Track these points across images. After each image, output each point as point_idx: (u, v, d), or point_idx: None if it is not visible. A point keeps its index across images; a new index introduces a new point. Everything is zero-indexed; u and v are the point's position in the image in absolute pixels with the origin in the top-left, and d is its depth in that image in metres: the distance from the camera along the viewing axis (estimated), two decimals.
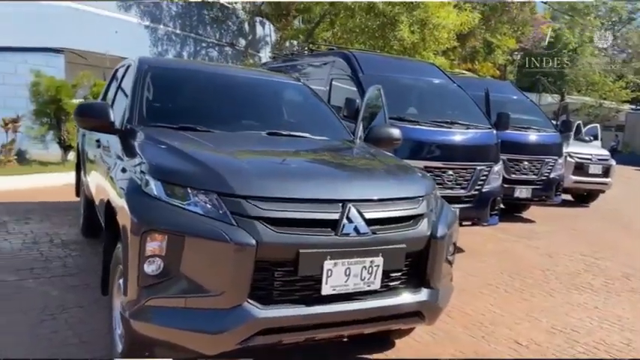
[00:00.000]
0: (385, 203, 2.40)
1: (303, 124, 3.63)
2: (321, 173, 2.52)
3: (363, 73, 5.93)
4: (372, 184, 2.53)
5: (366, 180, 2.57)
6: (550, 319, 3.99)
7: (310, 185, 2.29)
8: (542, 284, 4.91)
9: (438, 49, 13.79)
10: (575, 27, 37.26)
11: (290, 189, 2.21)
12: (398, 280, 2.45)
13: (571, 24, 37.61)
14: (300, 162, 2.74)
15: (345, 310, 2.23)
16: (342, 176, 2.53)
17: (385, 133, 3.83)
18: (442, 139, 5.55)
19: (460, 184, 5.55)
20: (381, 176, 2.70)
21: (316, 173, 2.52)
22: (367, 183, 2.52)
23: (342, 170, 2.68)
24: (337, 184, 2.37)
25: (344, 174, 2.60)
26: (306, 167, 2.63)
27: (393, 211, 2.40)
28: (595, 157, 10.18)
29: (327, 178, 2.44)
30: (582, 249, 6.47)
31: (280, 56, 9.24)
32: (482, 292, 4.53)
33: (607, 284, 5.06)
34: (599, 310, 4.30)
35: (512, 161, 7.76)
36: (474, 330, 3.68)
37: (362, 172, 2.75)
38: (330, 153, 3.06)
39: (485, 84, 9.96)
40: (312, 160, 2.84)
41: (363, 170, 2.79)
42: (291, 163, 2.65)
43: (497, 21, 27.47)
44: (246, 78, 3.91)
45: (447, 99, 6.44)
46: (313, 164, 2.77)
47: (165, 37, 12.98)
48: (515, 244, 6.59)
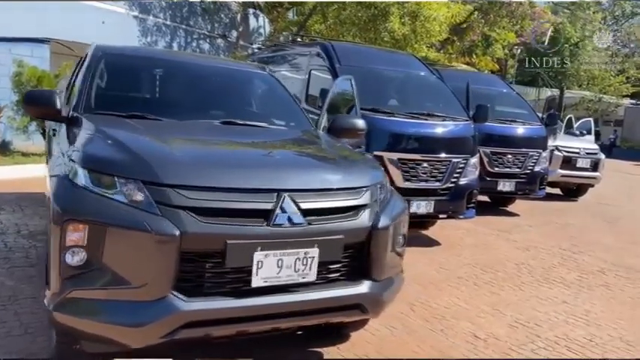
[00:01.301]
0: (323, 193, 2.35)
1: (262, 114, 3.58)
2: (259, 162, 2.46)
3: (340, 64, 5.86)
4: (311, 174, 2.47)
5: (305, 170, 2.51)
6: (515, 312, 3.95)
7: (243, 174, 2.23)
8: (513, 278, 4.86)
9: (429, 41, 13.66)
10: (576, 21, 37.06)
11: (220, 178, 2.16)
12: (336, 271, 2.40)
13: (572, 18, 37.40)
14: (240, 151, 2.68)
15: (276, 302, 2.18)
16: (281, 166, 2.47)
17: (349, 123, 3.76)
18: (417, 130, 5.49)
19: (435, 177, 5.49)
20: (324, 166, 2.64)
21: (253, 162, 2.46)
22: (306, 173, 2.46)
23: (282, 160, 2.61)
24: (273, 174, 2.31)
25: (283, 163, 2.54)
26: (244, 156, 2.57)
27: (331, 201, 2.34)
28: (583, 151, 10.10)
29: (264, 167, 2.38)
30: (562, 243, 6.42)
31: (266, 47, 9.15)
32: (450, 286, 4.49)
33: (581, 278, 5.01)
34: (568, 304, 4.25)
35: (496, 154, 7.69)
36: (435, 323, 3.63)
37: (304, 162, 2.69)
38: (278, 142, 3.00)
39: (473, 77, 9.92)
40: (254, 150, 2.78)
41: (306, 160, 2.73)
42: (230, 152, 2.59)
43: (495, 14, 27.25)
44: (206, 66, 3.84)
45: (426, 91, 6.37)
46: (253, 153, 2.71)
47: (154, 28, 12.87)
48: (495, 237, 6.54)
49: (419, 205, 5.43)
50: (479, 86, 8.68)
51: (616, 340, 3.59)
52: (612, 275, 5.19)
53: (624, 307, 4.29)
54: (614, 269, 5.40)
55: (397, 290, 2.78)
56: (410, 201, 5.34)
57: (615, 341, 3.57)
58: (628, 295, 4.59)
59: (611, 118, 36.71)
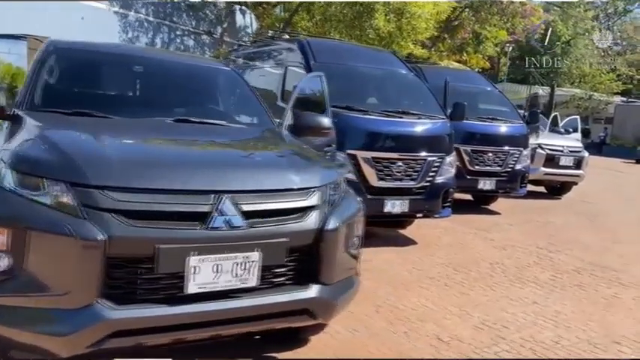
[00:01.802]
0: (267, 195, 2.25)
1: (221, 112, 3.48)
2: (200, 162, 2.36)
3: (315, 61, 5.77)
4: (256, 174, 2.37)
5: (250, 170, 2.41)
6: (483, 314, 3.88)
7: (179, 175, 2.14)
8: (485, 277, 4.80)
9: (416, 38, 13.58)
10: (568, 19, 37.16)
11: (153, 179, 2.06)
12: (282, 275, 2.32)
13: (564, 16, 37.50)
14: (182, 150, 2.58)
15: (214, 309, 2.09)
16: (224, 166, 2.37)
17: (314, 121, 3.68)
18: (391, 129, 5.41)
19: (410, 176, 5.42)
20: (271, 167, 2.55)
21: (193, 162, 2.36)
22: (251, 173, 2.37)
23: (227, 160, 2.52)
24: (213, 174, 2.22)
25: (227, 163, 2.44)
26: (185, 156, 2.47)
27: (275, 203, 2.25)
28: (566, 149, 10.06)
29: (204, 167, 2.28)
30: (540, 242, 6.37)
31: (248, 43, 9.04)
32: (421, 286, 4.41)
33: (555, 278, 4.95)
34: (538, 305, 4.19)
35: (477, 152, 7.64)
36: (399, 325, 3.55)
37: (250, 162, 2.59)
38: (228, 142, 2.90)
39: (455, 74, 9.87)
40: (199, 149, 2.68)
41: (253, 160, 2.64)
42: (170, 152, 2.49)
43: (486, 12, 27.22)
44: (165, 62, 3.73)
45: (403, 89, 6.29)
46: (196, 153, 2.60)
47: (136, 24, 12.70)
48: (472, 236, 6.48)
49: (393, 205, 5.35)
50: (461, 84, 8.65)
51: (583, 342, 3.53)
52: (587, 275, 5.14)
53: (596, 307, 4.24)
54: (590, 269, 5.34)
55: (352, 293, 2.70)
56: (384, 200, 5.31)
57: (582, 343, 3.50)
58: (601, 296, 4.53)
59: (602, 115, 36.83)
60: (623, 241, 6.83)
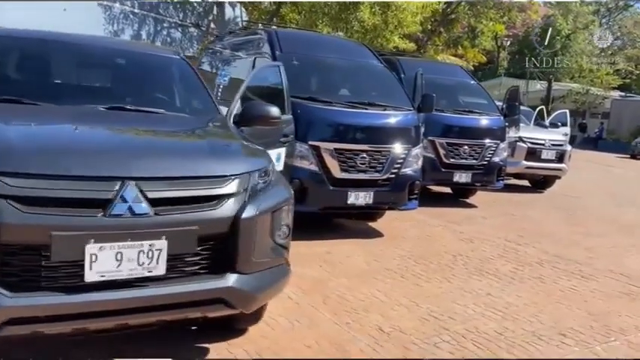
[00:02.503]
0: (175, 182, 2.22)
1: (162, 100, 3.44)
2: (108, 149, 2.31)
3: (281, 51, 5.72)
4: (166, 161, 2.33)
5: (160, 157, 2.37)
6: (432, 305, 3.85)
7: (82, 161, 2.10)
8: (445, 269, 4.77)
9: (403, 31, 13.50)
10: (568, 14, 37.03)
11: (52, 165, 2.03)
12: (195, 264, 2.29)
13: (564, 11, 37.36)
14: (95, 137, 2.53)
15: (116, 298, 2.06)
16: (132, 153, 2.32)
17: (261, 111, 3.62)
18: (355, 120, 5.37)
19: (374, 168, 5.38)
20: (186, 154, 2.51)
21: (101, 149, 2.31)
22: (160, 160, 2.32)
23: (138, 146, 2.45)
24: (118, 161, 2.18)
25: (136, 150, 2.38)
26: (94, 143, 2.42)
27: (185, 190, 2.22)
28: (549, 143, 10.01)
29: (111, 154, 2.25)
30: (510, 235, 6.35)
31: (223, 35, 8.98)
32: (376, 278, 4.39)
33: (515, 270, 4.93)
34: (491, 297, 4.17)
35: (452, 145, 7.61)
36: (343, 316, 3.53)
37: (163, 149, 2.53)
38: (152, 129, 2.84)
39: (434, 66, 9.84)
40: (113, 136, 2.62)
41: (167, 147, 2.58)
42: (81, 139, 2.44)
43: (483, 5, 27.07)
44: (105, 49, 3.67)
45: (372, 80, 6.23)
46: (108, 140, 2.54)
47: (121, 16, 12.63)
48: (442, 229, 6.45)
49: (357, 196, 5.32)
50: (438, 76, 8.61)
51: (528, 334, 3.51)
52: (550, 267, 5.11)
53: (551, 299, 4.21)
54: (554, 261, 5.32)
55: (279, 283, 2.67)
56: (347, 192, 5.28)
57: (527, 335, 3.48)
58: (559, 288, 4.51)
59: (599, 110, 36.69)
60: (595, 235, 6.81)
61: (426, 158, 7.44)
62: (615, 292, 4.52)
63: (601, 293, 4.45)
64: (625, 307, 4.17)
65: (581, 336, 3.53)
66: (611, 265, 5.32)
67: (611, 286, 4.67)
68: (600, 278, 4.87)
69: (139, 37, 13.29)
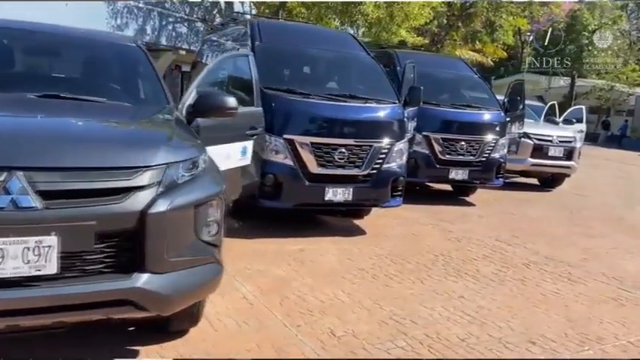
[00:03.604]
0: (73, 173, 2.06)
1: (105, 88, 3.29)
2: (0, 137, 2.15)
3: (261, 42, 5.55)
4: (66, 151, 2.15)
5: (60, 146, 2.17)
6: (397, 307, 3.64)
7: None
8: (422, 270, 4.54)
9: (410, 25, 13.18)
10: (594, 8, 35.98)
11: None
12: (97, 262, 2.13)
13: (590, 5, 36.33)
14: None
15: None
16: (26, 141, 2.15)
17: (216, 101, 3.46)
18: (333, 113, 5.16)
19: (354, 163, 5.17)
20: (94, 143, 2.31)
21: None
22: (58, 150, 2.14)
23: (37, 135, 2.26)
24: (7, 149, 2.02)
25: (32, 139, 2.18)
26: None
27: (80, 182, 2.06)
28: (556, 139, 9.60)
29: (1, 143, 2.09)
30: (503, 234, 6.05)
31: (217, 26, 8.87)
32: (344, 278, 4.19)
33: (498, 272, 4.66)
34: (464, 299, 3.92)
35: (448, 141, 7.33)
36: (296, 319, 3.34)
37: (68, 138, 2.31)
38: (73, 118, 2.67)
39: (435, 60, 9.55)
40: (16, 124, 2.43)
41: (75, 137, 2.37)
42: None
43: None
44: (51, 35, 3.52)
45: (356, 72, 6.02)
46: (8, 128, 2.36)
47: (125, 11, 12.62)
48: (432, 227, 6.19)
49: (335, 193, 5.12)
50: (438, 70, 8.35)
51: (493, 340, 3.27)
52: (536, 269, 4.83)
53: (528, 304, 3.95)
54: (542, 263, 5.03)
55: (203, 284, 2.49)
56: (325, 188, 5.08)
57: (492, 342, 3.24)
58: (540, 292, 4.23)
59: (624, 107, 35.57)
60: (596, 236, 6.46)
61: (421, 154, 7.26)
62: (602, 297, 4.22)
63: (586, 298, 4.16)
64: (609, 313, 3.87)
65: (551, 344, 3.27)
66: (605, 267, 5.00)
67: (599, 290, 4.37)
68: (589, 282, 4.57)
69: (144, 32, 13.28)
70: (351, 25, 12.66)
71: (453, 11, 26.37)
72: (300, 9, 15.00)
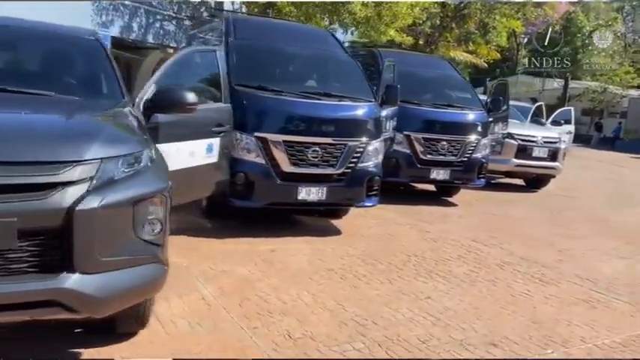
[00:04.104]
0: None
1: (56, 82, 3.20)
2: None
3: (235, 38, 5.46)
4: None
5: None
6: (360, 309, 3.56)
7: None
8: (392, 271, 4.46)
9: (398, 25, 13.10)
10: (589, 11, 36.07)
11: None
12: (20, 262, 2.03)
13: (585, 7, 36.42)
14: None
15: None
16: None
17: (174, 97, 3.39)
18: (306, 111, 5.07)
19: (327, 161, 5.09)
20: (20, 137, 2.21)
21: None
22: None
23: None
24: None
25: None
26: None
27: (3, 176, 1.97)
28: (541, 140, 9.56)
29: None
30: (481, 235, 5.99)
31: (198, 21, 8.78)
32: (311, 279, 4.10)
33: (470, 273, 4.59)
34: (430, 300, 3.85)
35: (429, 140, 7.27)
36: (254, 321, 3.26)
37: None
38: (10, 112, 2.57)
39: (419, 60, 9.48)
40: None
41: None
42: None
43: (495, 1, 26.40)
44: (6, 28, 3.42)
45: (332, 69, 5.95)
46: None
47: (110, 7, 12.49)
48: (409, 227, 6.12)
49: (309, 192, 5.04)
50: (421, 69, 8.30)
51: (455, 342, 3.19)
52: (510, 270, 4.76)
53: (495, 305, 3.88)
54: (517, 263, 4.96)
55: (143, 284, 2.40)
56: (297, 187, 5.00)
57: (452, 344, 3.16)
58: (510, 293, 4.17)
59: (617, 109, 35.67)
60: (575, 237, 6.40)
61: (402, 154, 7.20)
62: (573, 298, 4.15)
63: (556, 299, 4.09)
64: (578, 315, 3.81)
65: (514, 347, 3.20)
66: (579, 269, 4.94)
67: (570, 291, 4.31)
68: (562, 283, 4.50)
69: (130, 30, 13.15)
70: (340, 25, 12.56)
71: (447, 12, 26.34)
72: (290, 8, 14.91)
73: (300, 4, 12.67)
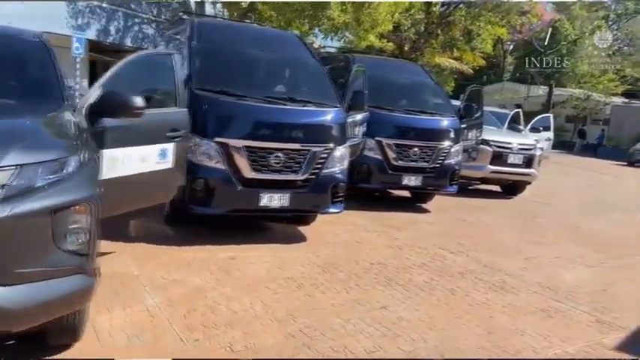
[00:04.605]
0: None
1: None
2: None
3: (198, 42, 5.38)
4: None
5: None
6: (311, 319, 3.48)
7: None
8: (351, 279, 4.39)
9: (378, 30, 13.10)
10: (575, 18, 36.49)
11: None
12: None
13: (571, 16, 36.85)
14: None
15: None
16: None
17: (119, 101, 3.30)
18: (268, 116, 5.01)
19: (290, 167, 5.02)
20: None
21: None
22: None
23: None
24: None
25: None
26: None
27: None
28: (516, 147, 9.56)
29: None
30: (448, 242, 5.94)
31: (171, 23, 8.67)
32: (267, 287, 4.02)
33: (431, 281, 4.53)
34: (385, 310, 3.77)
35: (401, 147, 7.23)
36: (197, 333, 3.16)
37: None
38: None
39: (392, 65, 9.46)
40: None
41: None
42: None
43: (481, 7, 26.58)
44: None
45: (298, 74, 5.89)
46: None
47: (87, 10, 12.34)
48: (377, 235, 6.06)
49: (271, 199, 4.96)
50: (395, 75, 8.28)
51: (402, 354, 3.12)
52: (472, 278, 4.71)
53: (451, 315, 3.82)
54: (480, 271, 4.92)
55: (64, 296, 2.29)
56: (259, 193, 4.92)
57: (400, 355, 3.10)
58: (468, 302, 4.11)
59: (600, 116, 36.12)
60: (544, 244, 6.39)
61: (373, 160, 7.15)
62: (531, 307, 4.11)
63: (514, 308, 4.04)
64: (534, 325, 3.76)
65: (465, 356, 3.13)
66: (542, 277, 4.91)
67: (529, 300, 4.26)
68: (522, 292, 4.46)
69: (107, 33, 13.01)
70: (320, 30, 12.54)
71: (432, 19, 26.50)
72: (270, 12, 14.87)
73: (278, 8, 12.61)
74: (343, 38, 12.45)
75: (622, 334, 3.72)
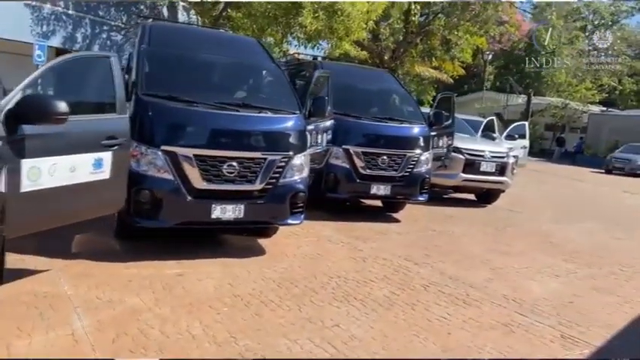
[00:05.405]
0: None
1: None
2: None
3: (148, 45, 5.13)
4: None
5: None
6: (253, 341, 3.20)
7: None
8: (306, 295, 4.12)
9: (352, 38, 12.97)
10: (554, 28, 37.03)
11: None
12: None
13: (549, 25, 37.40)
14: None
15: None
16: None
17: (39, 106, 3.04)
18: (220, 123, 4.74)
19: (245, 177, 4.75)
20: None
21: None
22: None
23: None
24: None
25: None
26: None
27: None
28: (489, 154, 9.43)
29: None
30: (414, 253, 5.72)
31: None
32: (211, 307, 3.72)
33: (391, 295, 4.30)
34: (338, 328, 3.52)
35: (369, 155, 7.02)
36: (121, 351, 2.87)
37: None
38: None
39: (360, 73, 9.31)
40: None
41: None
42: None
43: (459, 17, 26.78)
44: None
45: (256, 80, 5.65)
46: None
47: (52, 18, 11.99)
48: (342, 246, 5.81)
49: (224, 210, 4.68)
50: (363, 82, 8.12)
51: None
52: (434, 291, 4.49)
53: (408, 331, 3.58)
54: (443, 284, 4.70)
55: None
56: (211, 205, 4.65)
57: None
58: (428, 317, 3.88)
59: (578, 124, 36.60)
60: (513, 254, 6.21)
61: (340, 169, 6.93)
62: (493, 322, 3.90)
63: (474, 324, 3.83)
64: (494, 340, 3.55)
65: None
66: (508, 289, 4.72)
67: (492, 314, 4.05)
68: (485, 305, 4.25)
69: (74, 40, 12.66)
70: (293, 38, 12.36)
71: (411, 28, 26.66)
72: (244, 20, 14.68)
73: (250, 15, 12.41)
74: (316, 46, 12.31)
75: (586, 350, 3.53)
